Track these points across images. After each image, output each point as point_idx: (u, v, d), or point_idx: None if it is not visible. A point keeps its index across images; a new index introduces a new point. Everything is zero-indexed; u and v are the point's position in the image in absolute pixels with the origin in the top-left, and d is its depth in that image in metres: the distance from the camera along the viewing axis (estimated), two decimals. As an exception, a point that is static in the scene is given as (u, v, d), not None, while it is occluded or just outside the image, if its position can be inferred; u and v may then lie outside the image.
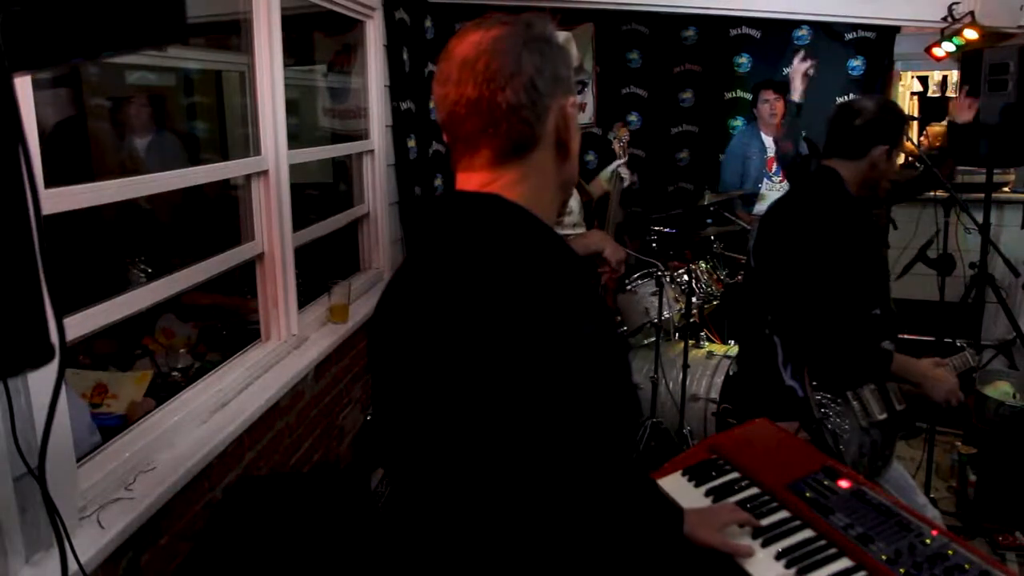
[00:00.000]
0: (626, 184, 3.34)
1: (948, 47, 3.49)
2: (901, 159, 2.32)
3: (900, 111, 2.13)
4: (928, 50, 3.65)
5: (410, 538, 1.01)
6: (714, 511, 1.36)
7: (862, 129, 2.07)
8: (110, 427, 1.86)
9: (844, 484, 1.44)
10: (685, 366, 3.16)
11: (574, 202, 3.27)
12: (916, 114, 5.43)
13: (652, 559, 1.03)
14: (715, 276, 3.52)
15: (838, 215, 2.02)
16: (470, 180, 0.98)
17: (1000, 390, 3.21)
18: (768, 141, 3.97)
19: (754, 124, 4.09)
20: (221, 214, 2.96)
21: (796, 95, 3.35)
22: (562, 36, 1.04)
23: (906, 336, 3.67)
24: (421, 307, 0.94)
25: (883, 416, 1.99)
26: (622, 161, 3.31)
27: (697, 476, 1.57)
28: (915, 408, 2.07)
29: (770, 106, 3.93)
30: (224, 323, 2.78)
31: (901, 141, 2.06)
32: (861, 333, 1.99)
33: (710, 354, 3.41)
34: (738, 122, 4.36)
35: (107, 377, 2.20)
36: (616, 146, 3.33)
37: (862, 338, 1.99)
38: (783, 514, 1.39)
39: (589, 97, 4.50)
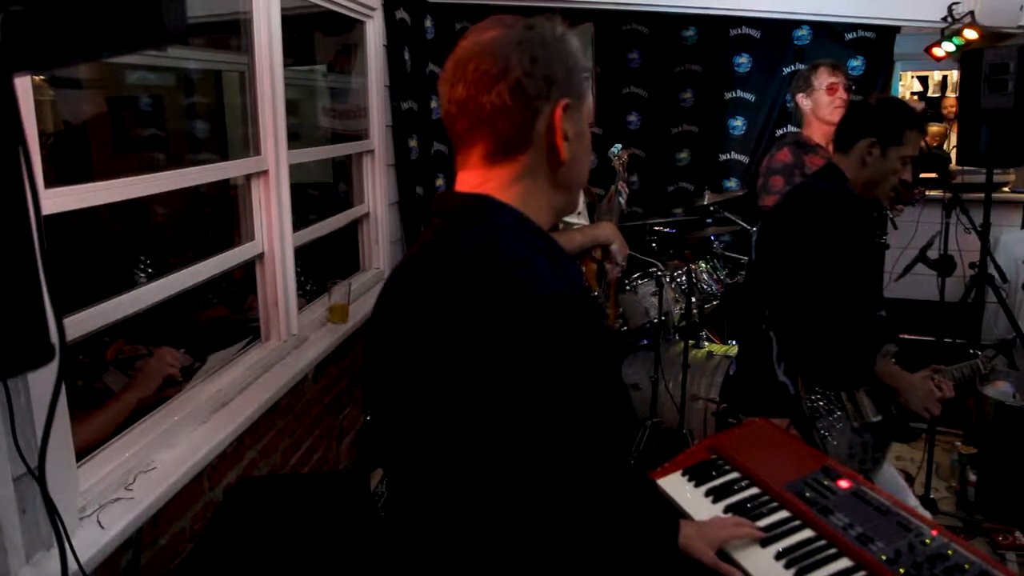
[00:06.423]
0: (623, 204, 3.07)
1: (948, 47, 3.48)
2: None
3: (903, 111, 2.04)
4: (928, 50, 3.65)
5: (408, 539, 1.01)
6: (716, 525, 1.33)
7: (851, 120, 2.07)
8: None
9: (844, 484, 1.44)
10: (685, 366, 3.16)
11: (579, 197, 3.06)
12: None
13: (641, 567, 1.02)
14: (715, 276, 3.52)
15: (836, 213, 2.01)
16: (466, 179, 0.99)
17: (1000, 390, 3.21)
18: None
19: None
20: (221, 214, 2.95)
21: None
22: (567, 34, 1.02)
23: (906, 336, 3.68)
24: (412, 308, 0.94)
25: (877, 418, 1.99)
26: (622, 180, 3.03)
27: (697, 476, 1.57)
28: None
29: None
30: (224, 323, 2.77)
31: (898, 140, 1.99)
32: (855, 333, 1.99)
33: (710, 354, 3.41)
34: (738, 122, 4.35)
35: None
36: (616, 163, 3.05)
37: (854, 338, 1.98)
38: (783, 514, 1.39)
39: (589, 97, 4.49)
